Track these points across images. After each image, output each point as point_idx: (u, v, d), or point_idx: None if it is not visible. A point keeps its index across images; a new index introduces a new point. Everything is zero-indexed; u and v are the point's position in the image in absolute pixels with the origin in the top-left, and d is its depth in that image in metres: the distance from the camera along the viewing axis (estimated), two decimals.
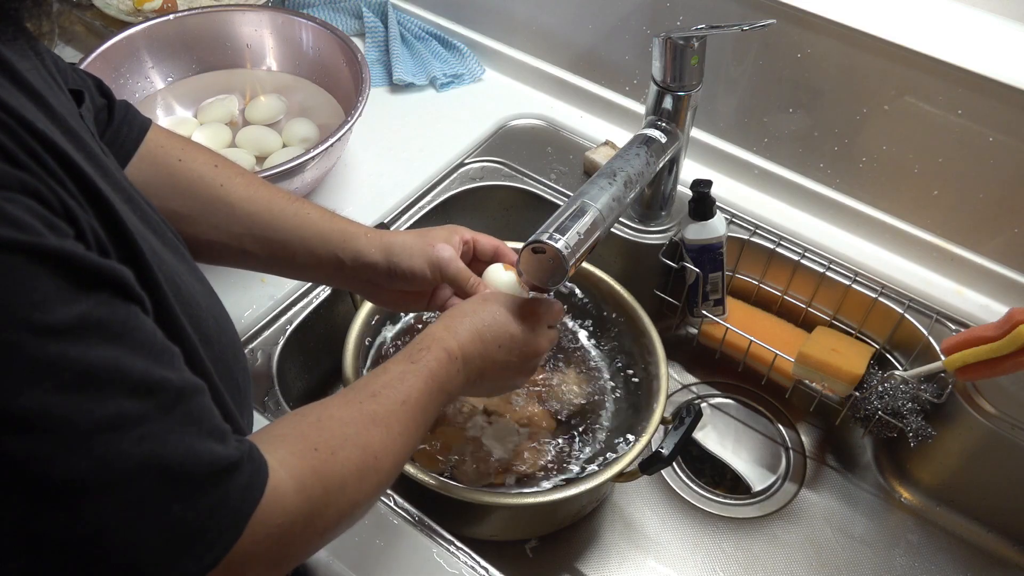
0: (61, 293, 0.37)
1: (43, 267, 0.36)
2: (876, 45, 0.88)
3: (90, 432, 0.37)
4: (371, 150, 1.08)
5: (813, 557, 0.94)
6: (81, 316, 0.37)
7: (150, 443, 0.39)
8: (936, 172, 0.93)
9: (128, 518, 0.39)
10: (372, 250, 0.72)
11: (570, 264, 0.66)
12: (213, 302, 0.57)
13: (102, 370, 0.38)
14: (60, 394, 0.36)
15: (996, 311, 0.94)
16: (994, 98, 0.84)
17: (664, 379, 0.85)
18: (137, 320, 0.41)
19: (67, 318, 0.37)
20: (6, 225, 0.35)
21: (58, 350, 0.36)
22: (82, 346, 0.37)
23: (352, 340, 0.84)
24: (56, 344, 0.36)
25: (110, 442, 0.38)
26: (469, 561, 0.71)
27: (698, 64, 0.85)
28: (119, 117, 0.67)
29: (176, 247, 0.55)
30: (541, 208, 1.05)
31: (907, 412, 0.90)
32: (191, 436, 0.42)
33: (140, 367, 0.40)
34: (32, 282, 0.36)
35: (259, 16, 1.08)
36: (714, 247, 0.96)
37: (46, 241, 0.36)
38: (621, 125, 1.14)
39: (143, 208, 0.52)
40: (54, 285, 0.37)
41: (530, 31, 1.16)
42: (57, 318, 0.36)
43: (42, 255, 0.36)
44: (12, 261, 0.35)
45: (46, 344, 0.36)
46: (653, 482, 0.99)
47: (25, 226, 0.36)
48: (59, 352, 0.36)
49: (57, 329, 0.36)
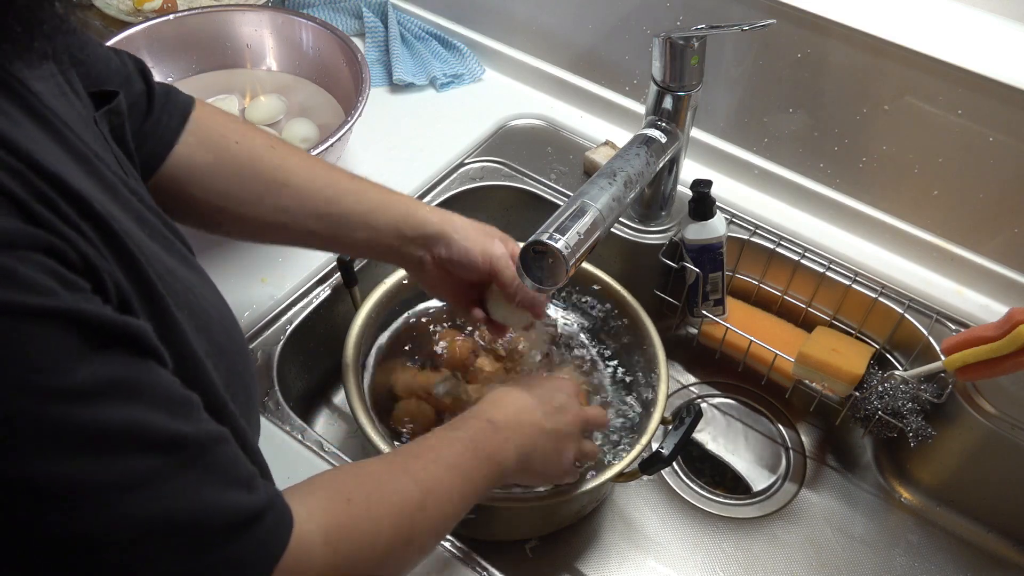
0: (72, 355, 0.36)
1: (54, 330, 0.36)
2: (876, 45, 0.88)
3: (102, 492, 0.37)
4: (371, 150, 1.08)
5: (813, 557, 0.94)
6: (93, 377, 0.37)
7: (167, 500, 0.39)
8: (936, 172, 0.93)
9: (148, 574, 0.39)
10: (433, 222, 0.73)
11: (570, 264, 0.66)
12: (223, 309, 0.56)
13: (115, 431, 0.38)
14: (71, 458, 0.36)
15: (996, 311, 0.94)
16: (994, 98, 0.84)
17: (664, 379, 0.85)
18: (152, 375, 0.41)
19: (78, 381, 0.36)
20: (16, 288, 0.35)
21: (68, 414, 0.36)
22: (94, 408, 0.37)
23: (352, 340, 0.84)
24: (67, 408, 0.36)
25: (123, 502, 0.38)
26: (469, 561, 0.71)
27: (698, 64, 0.85)
28: (159, 105, 0.66)
29: (185, 257, 0.54)
30: (541, 208, 1.05)
31: (907, 412, 0.90)
32: (210, 489, 0.41)
33: (156, 423, 0.39)
34: (40, 346, 0.35)
35: (259, 16, 1.08)
36: (714, 247, 0.96)
37: (58, 303, 0.36)
38: (621, 125, 1.14)
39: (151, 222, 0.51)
40: (65, 347, 0.36)
41: (530, 31, 1.16)
42: (67, 381, 0.36)
43: (52, 317, 0.36)
44: (19, 327, 0.35)
45: (56, 409, 0.36)
46: (653, 482, 0.99)
47: (37, 287, 0.35)
48: (69, 416, 0.36)
49: (68, 393, 0.36)
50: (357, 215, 0.71)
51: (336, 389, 1.02)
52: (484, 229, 0.75)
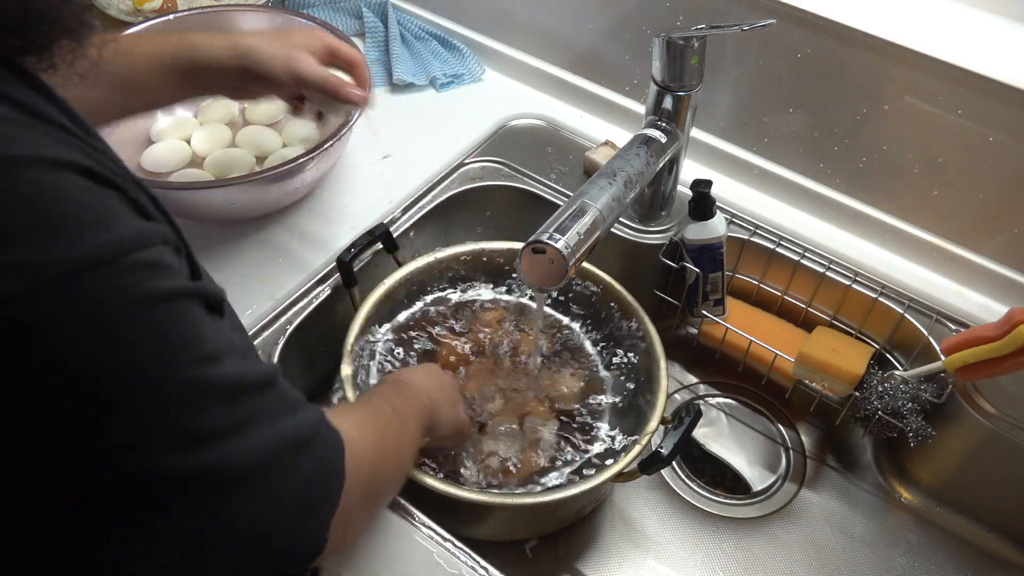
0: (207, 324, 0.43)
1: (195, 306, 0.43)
2: (876, 45, 0.88)
3: (248, 431, 0.44)
4: (371, 150, 1.08)
5: (813, 557, 0.94)
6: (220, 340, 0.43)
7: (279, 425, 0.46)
8: (936, 172, 0.93)
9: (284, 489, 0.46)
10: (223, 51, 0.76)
11: (570, 264, 0.66)
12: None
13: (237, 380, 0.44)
14: (225, 408, 0.43)
15: (996, 311, 0.94)
16: (994, 98, 0.84)
17: (664, 379, 0.85)
18: (231, 332, 0.47)
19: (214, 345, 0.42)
20: (171, 276, 0.41)
21: (218, 373, 0.42)
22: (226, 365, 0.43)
23: (352, 340, 0.84)
24: (216, 368, 0.42)
25: (262, 434, 0.44)
26: (469, 561, 0.71)
27: (698, 64, 0.85)
28: None
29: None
30: (541, 208, 1.05)
31: (907, 412, 0.90)
32: (293, 408, 0.48)
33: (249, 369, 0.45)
34: (193, 321, 0.42)
35: (259, 16, 1.08)
36: (714, 247, 0.96)
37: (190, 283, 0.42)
38: (621, 125, 1.14)
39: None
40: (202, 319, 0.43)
41: (530, 31, 1.16)
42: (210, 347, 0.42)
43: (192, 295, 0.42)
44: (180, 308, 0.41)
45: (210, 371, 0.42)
46: (653, 482, 0.99)
47: (178, 272, 0.42)
48: (219, 374, 0.42)
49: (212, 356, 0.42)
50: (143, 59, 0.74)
51: (336, 389, 1.02)
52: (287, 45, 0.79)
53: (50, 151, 0.38)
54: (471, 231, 1.10)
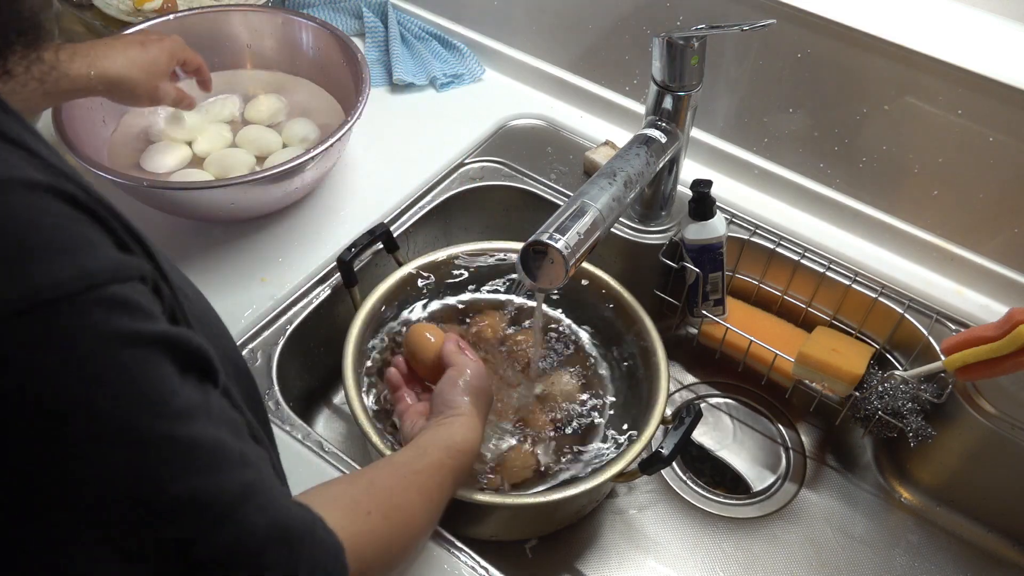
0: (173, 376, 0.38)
1: (164, 353, 0.38)
2: (876, 45, 0.88)
3: (230, 507, 0.39)
4: (371, 150, 1.08)
5: (813, 557, 0.94)
6: (188, 397, 0.39)
7: (269, 509, 0.41)
8: (936, 172, 0.93)
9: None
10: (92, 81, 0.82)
11: (570, 264, 0.66)
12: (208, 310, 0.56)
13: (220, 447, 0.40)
14: (201, 475, 0.38)
15: (996, 311, 0.94)
16: (994, 98, 0.84)
17: (664, 379, 0.85)
18: (216, 398, 0.43)
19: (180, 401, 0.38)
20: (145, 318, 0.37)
21: (189, 432, 0.38)
22: (193, 426, 0.39)
23: (352, 340, 0.84)
24: (177, 426, 0.38)
25: (245, 514, 0.40)
26: (469, 561, 0.71)
27: (698, 64, 0.85)
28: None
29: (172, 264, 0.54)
30: (541, 208, 1.05)
31: (907, 412, 0.90)
32: (281, 498, 0.44)
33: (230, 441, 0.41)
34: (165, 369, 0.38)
35: (259, 16, 1.08)
36: (714, 247, 0.96)
37: (164, 327, 0.38)
38: (621, 125, 1.14)
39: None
40: (169, 369, 0.38)
41: (530, 31, 1.16)
42: (174, 402, 0.38)
43: (166, 341, 0.38)
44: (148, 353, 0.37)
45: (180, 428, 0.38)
46: (653, 482, 0.99)
47: (150, 314, 0.38)
48: (195, 434, 0.38)
49: (184, 412, 0.38)
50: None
51: (336, 389, 1.02)
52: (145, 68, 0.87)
53: (26, 173, 0.36)
54: (471, 231, 1.10)
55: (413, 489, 0.60)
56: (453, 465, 0.65)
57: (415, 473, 0.62)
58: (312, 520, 0.46)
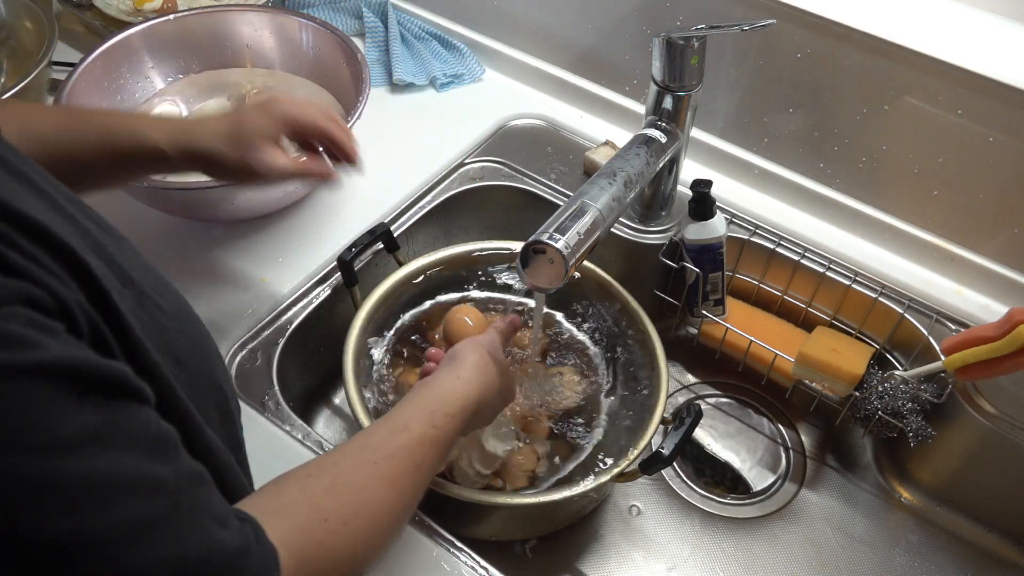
0: (58, 407, 0.36)
1: (40, 384, 0.35)
2: (876, 45, 0.88)
3: (106, 545, 0.37)
4: (371, 150, 1.07)
5: (813, 557, 0.94)
6: (78, 427, 0.36)
7: (165, 544, 0.39)
8: (936, 172, 0.93)
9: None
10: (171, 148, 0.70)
11: (570, 264, 0.66)
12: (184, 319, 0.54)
13: (105, 480, 0.37)
14: (68, 514, 0.35)
15: (996, 311, 0.94)
16: (994, 98, 0.84)
17: (664, 379, 0.85)
18: (131, 417, 0.40)
19: (65, 433, 0.36)
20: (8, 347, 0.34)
21: (59, 468, 0.35)
22: (81, 460, 0.36)
23: (352, 340, 0.84)
24: (57, 462, 0.35)
25: (127, 551, 0.37)
26: (469, 561, 0.71)
27: (698, 64, 0.85)
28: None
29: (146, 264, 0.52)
30: (541, 208, 1.05)
31: (907, 412, 0.90)
32: (201, 527, 0.41)
33: (142, 468, 0.39)
34: (30, 401, 0.35)
35: (259, 16, 1.08)
36: (714, 247, 0.96)
37: (43, 356, 0.35)
38: (621, 125, 1.14)
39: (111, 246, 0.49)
40: (51, 400, 0.35)
41: (530, 31, 1.16)
42: (56, 435, 0.35)
43: (38, 372, 0.35)
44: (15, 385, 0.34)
45: (47, 464, 0.35)
46: (653, 482, 0.99)
47: (24, 341, 0.35)
48: (61, 470, 0.35)
49: (57, 446, 0.35)
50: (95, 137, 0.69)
51: (336, 389, 1.02)
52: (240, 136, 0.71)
53: None
54: (471, 231, 1.10)
55: (383, 483, 0.55)
56: (436, 436, 0.60)
57: (387, 458, 0.57)
58: (243, 545, 0.43)
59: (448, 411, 0.63)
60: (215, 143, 0.70)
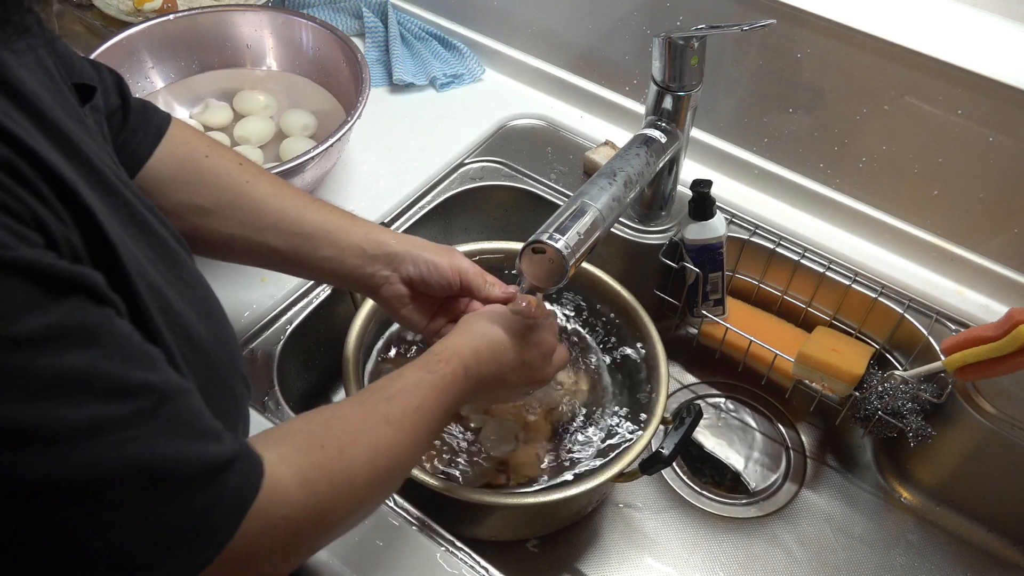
0: (28, 303, 0.37)
1: (9, 278, 0.36)
2: (876, 45, 0.88)
3: (66, 439, 0.37)
4: (371, 150, 1.08)
5: (813, 557, 0.94)
6: (49, 325, 0.37)
7: (133, 447, 0.40)
8: (936, 172, 0.93)
9: (113, 521, 0.39)
10: (394, 242, 0.73)
11: (570, 264, 0.66)
12: (209, 312, 0.56)
13: (75, 377, 0.38)
14: (30, 403, 0.36)
15: (996, 311, 0.94)
16: (994, 98, 0.84)
17: (664, 379, 0.85)
18: (111, 324, 0.41)
19: (35, 328, 0.36)
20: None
21: (25, 360, 0.36)
22: (51, 354, 0.37)
23: (352, 340, 0.84)
24: (23, 354, 0.36)
25: (89, 447, 0.38)
26: (469, 561, 0.71)
27: (698, 64, 0.85)
28: (135, 120, 0.67)
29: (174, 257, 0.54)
30: (541, 208, 1.05)
31: (907, 412, 0.90)
32: (178, 437, 0.42)
33: (117, 371, 0.40)
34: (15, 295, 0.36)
35: (259, 16, 1.08)
36: (714, 247, 0.96)
37: (11, 253, 0.36)
38: (621, 125, 1.14)
39: (142, 215, 0.51)
40: (22, 295, 0.36)
41: (530, 31, 1.16)
42: (23, 329, 0.36)
43: (7, 266, 0.36)
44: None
45: (13, 355, 0.36)
46: (653, 482, 0.99)
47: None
48: (26, 362, 0.36)
49: (24, 339, 0.36)
50: (320, 234, 0.71)
51: (336, 389, 1.02)
52: (445, 247, 0.76)
53: None
54: (471, 231, 1.10)
55: (380, 420, 0.56)
56: (433, 380, 0.61)
57: (385, 400, 0.58)
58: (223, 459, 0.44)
59: (440, 358, 0.64)
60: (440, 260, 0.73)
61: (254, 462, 0.46)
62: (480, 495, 0.76)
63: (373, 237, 0.73)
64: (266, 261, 0.73)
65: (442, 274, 0.73)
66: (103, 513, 0.39)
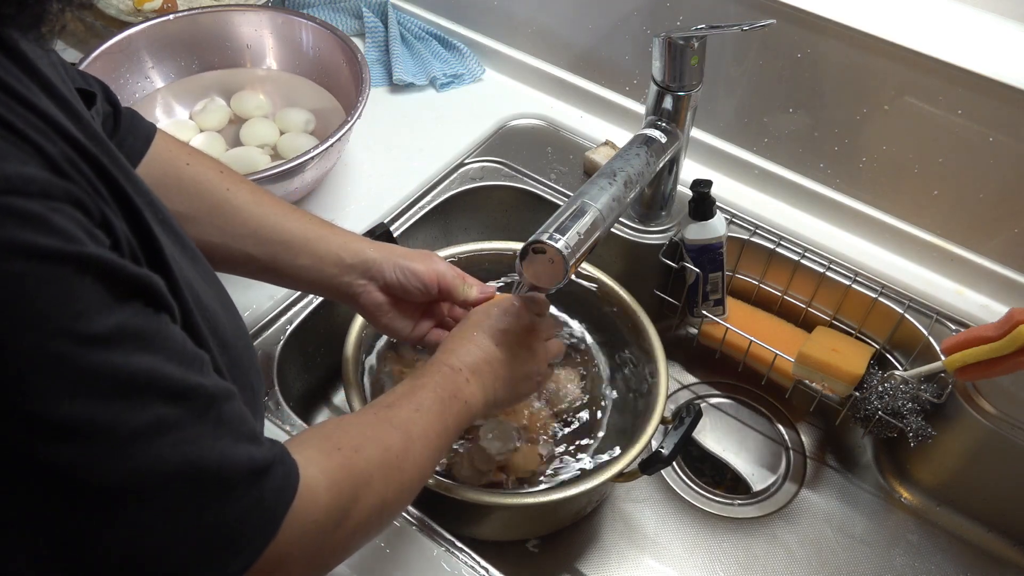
0: (101, 302, 0.37)
1: (86, 276, 0.37)
2: (876, 45, 0.88)
3: (129, 439, 0.38)
4: (371, 150, 1.08)
5: (813, 557, 0.94)
6: (119, 325, 0.38)
7: (186, 448, 0.40)
8: (936, 172, 0.93)
9: (165, 523, 0.40)
10: (371, 250, 0.74)
11: (570, 264, 0.66)
12: (229, 308, 0.57)
13: (140, 378, 0.39)
14: (101, 402, 0.37)
15: (996, 311, 0.94)
16: (994, 98, 0.84)
17: (664, 379, 0.85)
18: (169, 329, 0.42)
19: (107, 327, 0.37)
20: (53, 235, 0.36)
21: (99, 359, 0.37)
22: (121, 354, 0.38)
23: (352, 340, 0.84)
24: (97, 353, 0.37)
25: (148, 448, 0.39)
26: (469, 561, 0.71)
27: (698, 64, 0.85)
28: (124, 126, 0.67)
29: (194, 254, 0.55)
30: (541, 208, 1.05)
31: (907, 412, 0.90)
32: (226, 440, 0.43)
33: (175, 374, 0.40)
34: (76, 291, 0.36)
35: (259, 16, 1.08)
36: (714, 247, 0.96)
37: (89, 250, 0.37)
38: (621, 125, 1.14)
39: (164, 214, 0.52)
40: (96, 294, 0.37)
41: (530, 31, 1.16)
42: (98, 327, 0.37)
43: (86, 264, 0.37)
44: (58, 271, 0.36)
45: (88, 353, 0.36)
46: (653, 482, 0.99)
47: (71, 236, 0.36)
48: (100, 361, 0.37)
49: (98, 338, 0.37)
50: (300, 242, 0.72)
51: (336, 389, 1.02)
52: (424, 252, 0.77)
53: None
54: (471, 231, 1.10)
55: (386, 424, 0.58)
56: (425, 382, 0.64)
57: (387, 407, 0.60)
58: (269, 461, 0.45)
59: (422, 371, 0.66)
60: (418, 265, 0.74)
61: (291, 465, 0.47)
62: (480, 495, 0.76)
63: (351, 246, 0.73)
64: (245, 269, 0.73)
65: (420, 279, 0.74)
66: (155, 516, 0.40)
